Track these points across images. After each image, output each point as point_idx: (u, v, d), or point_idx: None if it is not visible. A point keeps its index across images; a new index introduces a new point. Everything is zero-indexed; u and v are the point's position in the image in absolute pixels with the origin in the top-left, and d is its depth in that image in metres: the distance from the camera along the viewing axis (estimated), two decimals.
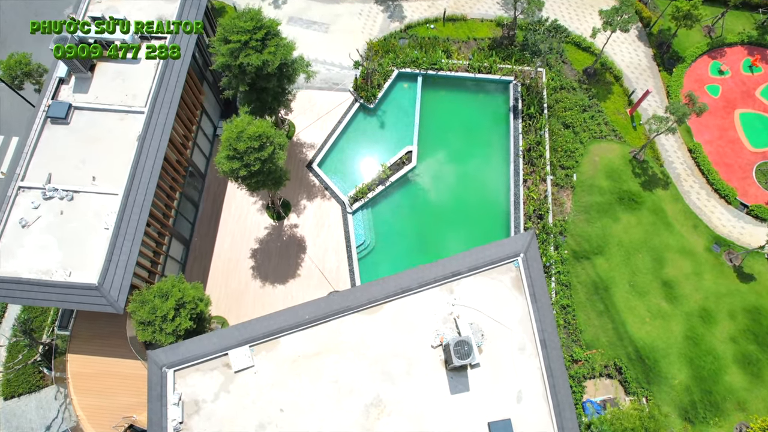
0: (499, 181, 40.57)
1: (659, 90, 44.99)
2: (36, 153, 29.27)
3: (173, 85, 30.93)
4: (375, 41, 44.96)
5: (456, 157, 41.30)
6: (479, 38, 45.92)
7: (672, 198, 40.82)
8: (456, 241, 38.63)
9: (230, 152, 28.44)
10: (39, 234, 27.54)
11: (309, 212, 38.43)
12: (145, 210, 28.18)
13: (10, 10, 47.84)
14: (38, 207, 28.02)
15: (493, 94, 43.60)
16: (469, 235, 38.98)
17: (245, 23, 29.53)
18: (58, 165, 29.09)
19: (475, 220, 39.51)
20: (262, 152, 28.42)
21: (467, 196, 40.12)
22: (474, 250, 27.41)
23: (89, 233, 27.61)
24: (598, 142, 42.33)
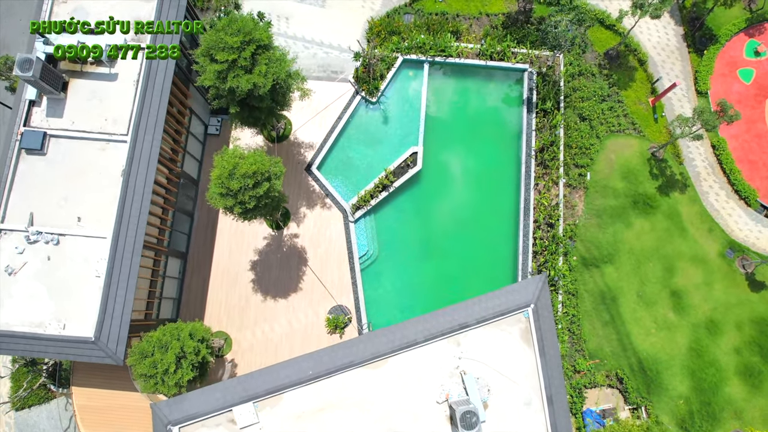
0: (509, 183, 38.46)
1: (687, 75, 41.40)
2: (13, 190, 27.20)
3: (156, 106, 28.07)
4: (377, 20, 40.60)
5: (464, 157, 38.84)
6: (492, 14, 41.49)
7: (689, 200, 38.93)
8: (463, 250, 37.39)
9: (222, 190, 26.42)
10: (27, 282, 26.28)
11: (309, 221, 36.78)
12: (137, 254, 26.66)
13: None
14: (23, 252, 26.49)
15: (505, 83, 40.13)
16: (477, 243, 37.62)
17: (232, 38, 26.19)
18: (39, 203, 27.15)
19: (483, 227, 37.94)
20: (257, 189, 26.40)
21: (475, 200, 38.21)
22: (483, 298, 26.33)
23: (80, 281, 26.35)
24: (616, 137, 39.64)
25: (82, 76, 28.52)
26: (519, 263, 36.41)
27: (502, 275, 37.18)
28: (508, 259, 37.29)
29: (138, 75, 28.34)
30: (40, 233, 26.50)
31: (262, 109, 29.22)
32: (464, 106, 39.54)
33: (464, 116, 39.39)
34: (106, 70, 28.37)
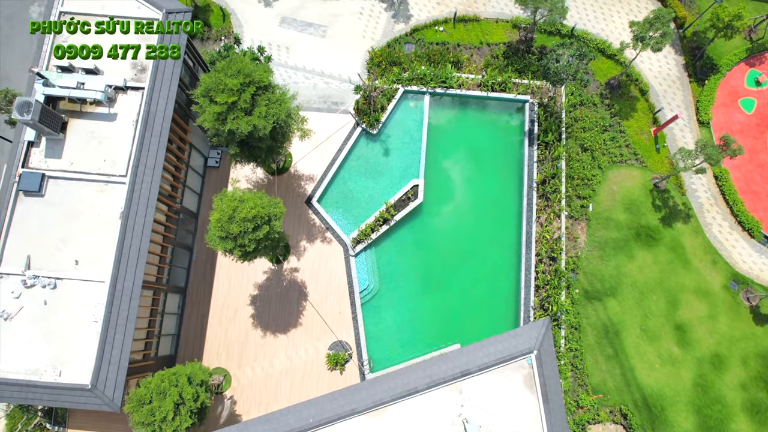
0: (510, 216, 38.18)
1: (688, 105, 41.25)
2: (11, 233, 26.91)
3: (155, 146, 27.86)
4: (378, 50, 40.52)
5: (465, 189, 38.57)
6: (493, 43, 41.41)
7: (692, 231, 38.62)
8: (464, 284, 37.02)
9: (222, 234, 26.12)
10: (23, 327, 25.92)
11: (309, 255, 36.46)
12: (135, 297, 26.33)
13: None
14: (19, 296, 26.17)
15: (507, 114, 39.98)
16: (479, 276, 37.26)
17: (231, 80, 26.01)
18: (37, 246, 26.85)
19: (484, 260, 37.58)
20: (257, 233, 26.11)
21: (476, 233, 37.88)
22: (485, 343, 25.97)
23: (77, 326, 25.99)
24: (618, 167, 39.41)
25: (82, 116, 28.34)
26: (521, 297, 36.04)
27: (503, 309, 36.81)
28: (510, 293, 36.92)
29: (137, 115, 28.17)
30: (37, 277, 26.19)
31: (262, 148, 28.99)
32: (465, 137, 39.34)
33: (465, 148, 39.18)
34: (105, 110, 28.19)
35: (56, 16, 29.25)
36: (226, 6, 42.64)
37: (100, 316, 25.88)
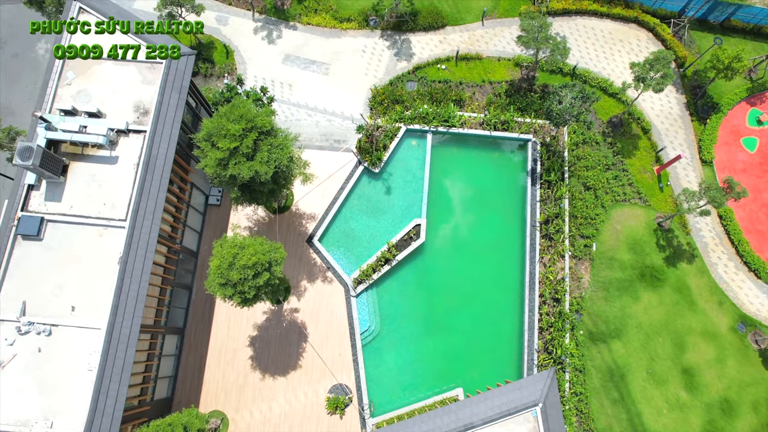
0: (514, 256, 37.77)
1: (691, 144, 41.18)
2: (7, 277, 26.51)
3: (156, 190, 27.66)
4: (380, 88, 40.68)
5: (468, 228, 38.26)
6: (495, 81, 41.57)
7: (697, 271, 38.14)
8: (467, 325, 36.41)
9: (222, 280, 25.74)
10: (16, 376, 25.33)
11: (310, 295, 35.96)
12: (131, 345, 25.79)
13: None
14: (13, 344, 25.64)
15: (510, 153, 39.91)
16: (481, 318, 36.67)
17: (234, 126, 25.93)
18: (33, 291, 26.43)
19: (487, 301, 37.03)
20: (257, 280, 25.71)
21: (479, 273, 37.42)
22: (489, 394, 25.31)
23: (71, 375, 25.40)
24: (621, 206, 39.14)
25: (83, 159, 28.22)
26: (525, 340, 35.39)
27: (507, 352, 36.13)
28: (514, 336, 36.29)
29: (138, 158, 28.04)
30: (32, 324, 25.71)
31: (263, 192, 28.79)
32: (468, 176, 39.20)
33: (468, 187, 39.00)
34: (106, 153, 28.09)
35: (61, 60, 29.31)
36: (229, 43, 43.00)
37: (94, 365, 25.31)
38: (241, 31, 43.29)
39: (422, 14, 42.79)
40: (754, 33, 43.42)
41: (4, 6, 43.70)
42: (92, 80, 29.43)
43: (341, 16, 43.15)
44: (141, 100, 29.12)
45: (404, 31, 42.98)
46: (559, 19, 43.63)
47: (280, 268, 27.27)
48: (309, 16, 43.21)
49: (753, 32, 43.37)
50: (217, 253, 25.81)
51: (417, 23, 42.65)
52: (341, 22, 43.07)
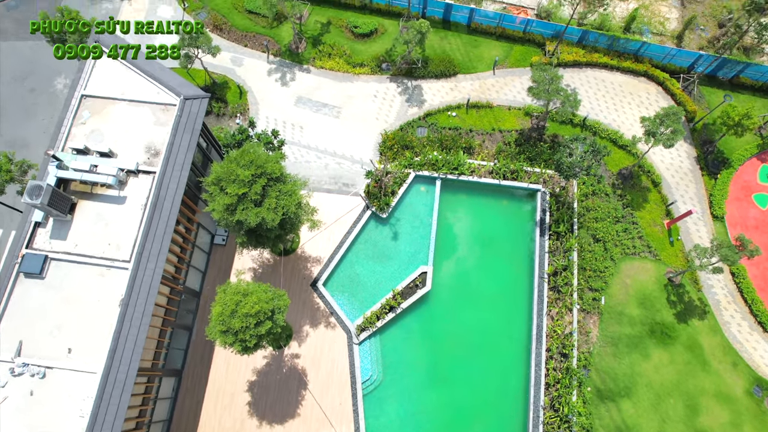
0: (521, 308, 37.04)
1: (701, 198, 40.81)
2: (5, 316, 26.12)
3: (162, 232, 27.48)
4: (390, 133, 40.93)
5: (475, 277, 37.69)
6: (505, 130, 41.74)
7: (710, 329, 37.13)
8: (471, 378, 35.40)
9: (223, 328, 25.22)
10: (5, 420, 24.60)
11: (312, 341, 35.22)
12: (127, 391, 25.09)
13: (3, 87, 44.03)
14: (5, 385, 25.03)
15: (518, 202, 39.68)
16: (486, 371, 35.68)
17: (243, 171, 25.89)
18: (31, 331, 25.98)
19: (493, 353, 36.11)
20: (259, 328, 25.16)
21: (485, 324, 36.64)
22: None
23: (63, 420, 24.66)
24: (631, 260, 38.51)
25: (92, 198, 28.21)
26: (530, 395, 34.26)
27: (512, 407, 34.94)
28: (519, 391, 35.19)
29: (146, 199, 27.99)
30: (26, 365, 25.15)
31: (269, 237, 28.56)
32: (476, 225, 38.91)
33: (476, 236, 38.64)
34: (115, 192, 28.09)
35: (77, 99, 29.76)
36: (243, 84, 43.69)
37: (87, 411, 24.57)
38: (256, 72, 44.05)
39: (434, 62, 43.44)
40: (763, 90, 43.63)
41: (26, 42, 44.81)
42: (107, 120, 29.73)
43: (354, 61, 43.87)
44: (152, 141, 29.31)
45: (416, 78, 43.55)
46: (570, 70, 44.11)
47: (283, 316, 26.74)
48: (323, 60, 43.96)
49: (762, 89, 43.59)
50: (220, 300, 25.40)
51: (429, 70, 43.25)
52: (354, 67, 43.76)
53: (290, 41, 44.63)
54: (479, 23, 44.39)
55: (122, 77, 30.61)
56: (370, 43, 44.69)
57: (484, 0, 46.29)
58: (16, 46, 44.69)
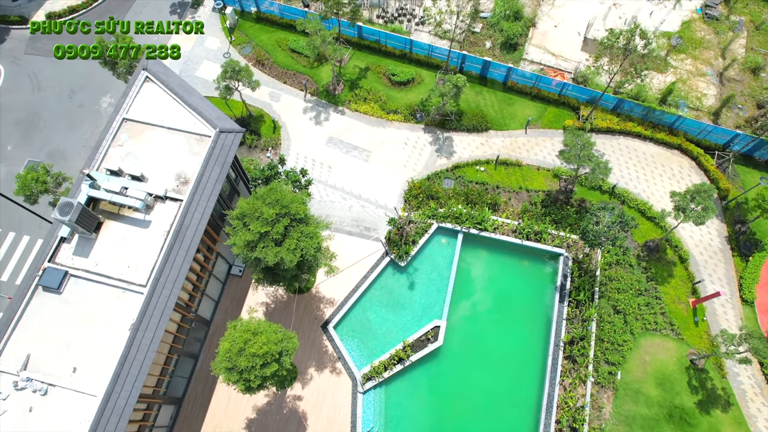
0: (533, 374, 35.84)
1: (731, 279, 39.49)
2: (18, 327, 26.33)
3: (181, 260, 27.64)
4: (417, 181, 41.07)
5: (488, 337, 36.78)
6: (532, 190, 41.49)
7: (734, 421, 35.19)
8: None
9: (229, 365, 24.89)
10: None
11: (316, 384, 34.52)
12: (124, 419, 24.75)
13: (53, 102, 45.97)
14: (6, 398, 24.98)
15: (540, 265, 38.98)
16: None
17: (268, 210, 26.06)
18: (40, 345, 26.08)
19: (500, 419, 34.78)
20: (264, 370, 24.77)
21: (495, 387, 35.45)
22: None
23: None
24: (652, 336, 37.16)
25: (118, 219, 28.70)
26: None
27: None
28: None
29: (170, 225, 28.33)
30: (30, 380, 25.12)
31: (286, 277, 28.48)
32: (495, 283, 38.24)
33: (493, 294, 37.92)
34: (141, 216, 28.53)
35: (119, 122, 30.73)
36: (278, 119, 44.70)
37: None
38: (292, 108, 45.10)
39: (467, 115, 43.85)
40: None
41: (80, 60, 46.85)
42: (143, 144, 30.55)
43: (389, 108, 44.62)
44: (184, 169, 29.90)
45: (448, 130, 43.95)
46: (603, 136, 44.00)
47: (290, 358, 26.36)
48: (358, 104, 44.82)
49: None
50: (229, 336, 25.20)
51: (461, 123, 43.64)
52: (388, 113, 44.46)
53: (328, 82, 45.75)
54: (515, 82, 44.90)
55: (163, 104, 31.59)
56: (406, 91, 45.50)
57: (522, 60, 46.96)
58: (74, 63, 46.74)
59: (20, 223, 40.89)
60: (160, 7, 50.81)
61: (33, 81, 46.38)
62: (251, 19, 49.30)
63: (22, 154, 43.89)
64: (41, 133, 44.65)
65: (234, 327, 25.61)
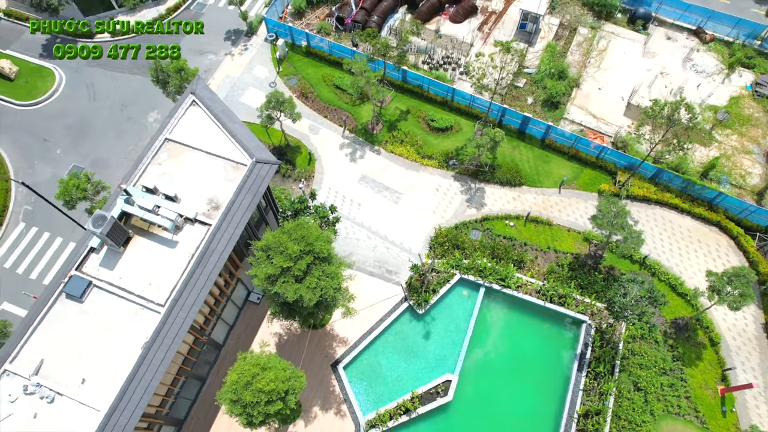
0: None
1: (765, 371, 37.42)
2: (38, 330, 26.77)
3: (201, 284, 27.86)
4: (444, 229, 40.83)
5: (500, 398, 35.56)
6: (561, 251, 40.66)
7: None
8: None
9: (234, 397, 24.64)
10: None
11: (318, 425, 33.83)
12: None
13: (104, 112, 48.04)
14: (15, 401, 25.22)
15: (561, 329, 37.83)
16: None
17: (293, 245, 26.18)
18: (54, 352, 26.40)
19: None
20: (268, 407, 24.41)
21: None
22: None
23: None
24: (674, 420, 35.26)
25: (146, 236, 29.26)
26: None
27: None
28: None
29: (196, 248, 28.69)
30: (39, 386, 25.36)
31: (302, 313, 28.34)
32: (512, 343, 37.20)
33: (510, 354, 36.84)
34: (169, 236, 29.02)
35: (161, 141, 31.70)
36: (314, 151, 45.46)
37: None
38: (329, 143, 45.85)
39: (502, 169, 43.72)
40: None
41: (136, 76, 49.08)
42: (181, 165, 31.34)
43: (424, 152, 44.90)
44: (216, 194, 30.46)
45: (481, 180, 43.84)
46: (638, 204, 43.11)
47: (296, 398, 25.96)
48: (394, 145, 45.28)
49: None
50: (238, 367, 25.05)
51: (495, 176, 43.50)
52: (423, 158, 44.72)
53: (368, 121, 46.48)
54: (554, 140, 44.72)
55: (205, 128, 32.48)
56: (443, 138, 45.80)
57: (562, 119, 46.87)
58: (128, 78, 48.99)
59: (56, 224, 42.21)
60: (216, 31, 52.99)
61: (90, 91, 48.60)
62: (301, 52, 50.88)
63: (69, 158, 45.67)
64: (89, 140, 46.47)
65: (244, 358, 25.48)
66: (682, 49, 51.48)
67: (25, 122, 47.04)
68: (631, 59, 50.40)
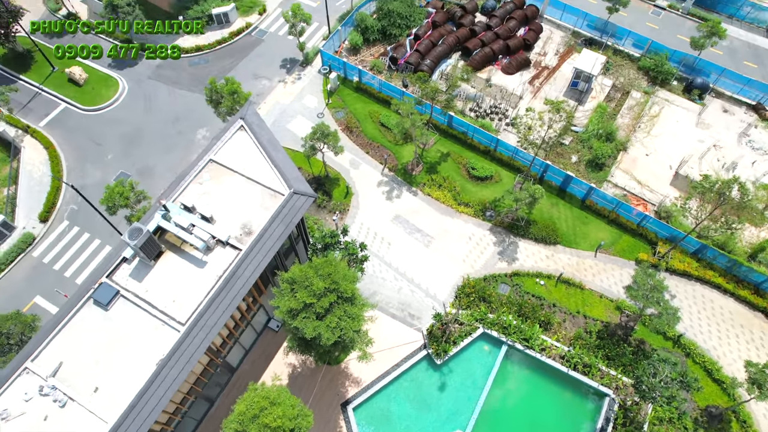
0: None
1: None
2: (60, 333, 27.33)
3: (224, 308, 28.01)
4: (473, 280, 40.08)
5: None
6: (590, 317, 39.20)
7: None
8: None
9: (239, 428, 24.33)
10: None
11: None
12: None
13: (158, 123, 50.08)
14: (29, 401, 25.60)
15: (582, 400, 36.14)
16: None
17: (318, 282, 26.11)
18: (74, 356, 26.84)
19: None
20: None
21: None
22: None
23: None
24: None
25: (177, 252, 29.79)
26: None
27: None
28: None
29: (223, 271, 28.97)
30: (54, 389, 25.72)
31: (318, 351, 28.04)
32: (530, 407, 35.70)
33: (526, 419, 35.31)
34: (199, 255, 29.45)
35: (205, 161, 32.57)
36: (352, 185, 45.84)
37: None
38: (367, 179, 46.19)
39: (538, 225, 42.92)
40: None
41: (192, 93, 51.08)
42: (220, 187, 32.02)
43: (461, 199, 44.61)
44: (250, 220, 30.87)
45: (515, 234, 43.10)
46: (677, 279, 41.37)
47: None
48: (432, 189, 45.21)
49: None
50: (248, 398, 24.82)
51: (530, 231, 42.71)
52: (459, 204, 44.42)
53: (408, 161, 46.71)
54: (595, 202, 43.75)
55: (249, 154, 33.21)
56: (482, 187, 45.48)
57: (606, 181, 45.91)
58: (184, 94, 51.06)
59: (96, 227, 43.66)
60: (273, 58, 54.84)
61: (147, 102, 50.81)
62: (351, 87, 51.99)
63: (118, 164, 47.53)
64: (139, 149, 48.33)
65: (254, 389, 25.25)
66: (739, 123, 50.02)
67: (85, 126, 49.39)
68: (683, 128, 49.27)
